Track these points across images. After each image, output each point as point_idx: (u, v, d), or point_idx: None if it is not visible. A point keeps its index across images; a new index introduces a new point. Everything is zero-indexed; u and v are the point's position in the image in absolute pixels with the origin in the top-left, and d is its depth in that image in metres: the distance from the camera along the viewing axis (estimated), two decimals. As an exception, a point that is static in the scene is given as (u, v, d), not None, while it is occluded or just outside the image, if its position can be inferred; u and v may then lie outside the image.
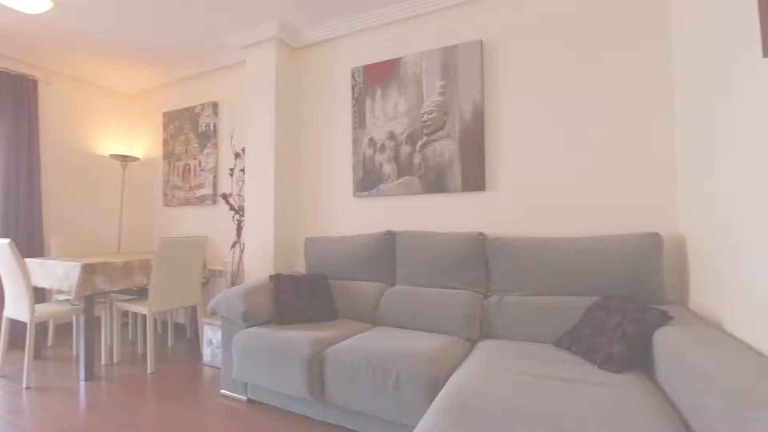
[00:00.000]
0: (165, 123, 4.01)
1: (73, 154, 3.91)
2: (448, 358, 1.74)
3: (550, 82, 2.30)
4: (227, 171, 3.60)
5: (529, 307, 2.02)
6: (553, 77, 2.29)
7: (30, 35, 3.15)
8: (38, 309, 2.63)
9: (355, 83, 2.91)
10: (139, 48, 3.38)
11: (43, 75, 3.69)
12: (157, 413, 2.09)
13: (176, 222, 3.95)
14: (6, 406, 2.18)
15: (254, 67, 3.11)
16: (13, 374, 2.65)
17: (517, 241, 2.16)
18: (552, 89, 2.29)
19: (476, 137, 2.46)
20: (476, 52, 2.47)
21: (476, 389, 1.31)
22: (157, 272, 2.71)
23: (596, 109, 2.18)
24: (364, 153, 2.86)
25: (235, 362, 2.14)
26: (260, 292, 2.34)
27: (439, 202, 2.61)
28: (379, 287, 2.48)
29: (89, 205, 4.04)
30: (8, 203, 3.30)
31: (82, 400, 2.27)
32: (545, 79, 2.31)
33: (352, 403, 1.77)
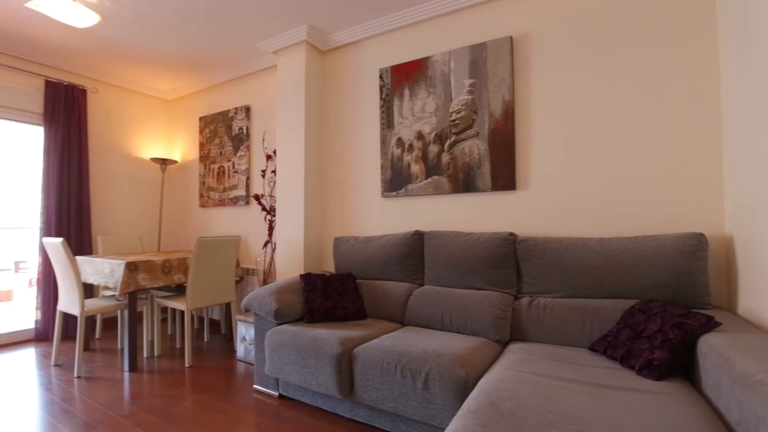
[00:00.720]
0: (201, 127, 4.18)
1: (117, 158, 4.14)
2: (478, 359, 1.72)
3: (585, 78, 2.22)
4: (259, 172, 3.71)
5: (561, 309, 1.96)
6: (590, 73, 2.21)
7: (80, 48, 3.37)
8: (87, 303, 2.81)
9: (383, 84, 2.92)
10: (177, 56, 3.54)
11: (91, 84, 3.93)
12: (194, 406, 2.19)
13: (211, 222, 4.11)
14: (60, 394, 2.34)
15: (284, 70, 3.19)
16: (65, 364, 2.85)
17: (550, 242, 2.11)
18: (588, 85, 2.21)
19: (506, 136, 2.42)
20: (506, 49, 2.42)
21: (507, 392, 1.29)
22: (194, 270, 2.83)
23: (636, 105, 2.09)
24: (392, 153, 2.87)
25: (267, 359, 2.20)
26: (291, 291, 2.39)
27: (467, 202, 2.58)
28: (408, 287, 2.48)
29: (132, 206, 4.27)
30: (61, 204, 3.54)
31: (126, 390, 2.40)
32: (581, 75, 2.23)
33: (381, 402, 1.78)
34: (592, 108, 2.19)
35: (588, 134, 2.21)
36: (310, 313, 2.31)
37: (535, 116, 2.36)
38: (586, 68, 2.22)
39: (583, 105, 2.22)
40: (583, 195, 2.21)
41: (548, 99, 2.32)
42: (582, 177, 2.22)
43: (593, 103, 2.19)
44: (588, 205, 2.20)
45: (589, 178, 2.20)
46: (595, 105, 2.19)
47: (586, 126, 2.21)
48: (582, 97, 2.22)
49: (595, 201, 2.18)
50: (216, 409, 2.13)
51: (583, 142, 2.22)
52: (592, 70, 2.20)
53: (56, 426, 1.96)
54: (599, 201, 2.17)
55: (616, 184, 2.12)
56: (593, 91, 2.19)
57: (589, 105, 2.20)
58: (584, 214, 2.21)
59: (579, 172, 2.23)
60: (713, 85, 1.91)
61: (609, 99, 2.15)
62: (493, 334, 2.02)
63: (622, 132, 2.12)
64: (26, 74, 3.48)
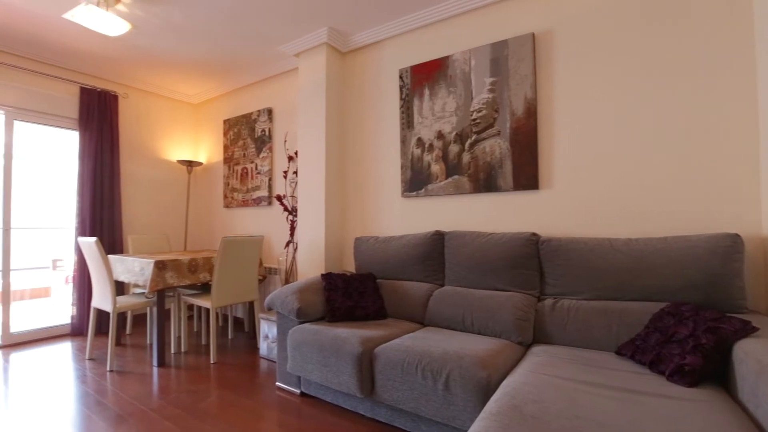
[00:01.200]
0: (225, 130, 4.28)
1: (146, 161, 4.30)
2: (500, 361, 1.70)
3: (612, 73, 2.16)
4: (281, 173, 3.77)
5: (586, 311, 1.92)
6: (617, 68, 2.15)
7: (112, 55, 3.52)
8: (119, 300, 2.93)
9: (402, 84, 2.92)
10: (203, 61, 3.65)
11: (122, 90, 4.09)
12: (219, 401, 2.25)
13: (235, 222, 4.21)
14: (94, 386, 2.45)
15: (306, 73, 3.24)
16: (99, 358, 2.98)
17: (574, 242, 2.06)
18: (615, 80, 2.15)
19: (529, 134, 2.37)
20: (528, 46, 2.38)
21: (531, 395, 1.27)
22: (219, 269, 2.90)
23: (667, 100, 2.01)
24: (412, 153, 2.87)
25: (290, 357, 2.23)
26: (312, 290, 2.43)
27: (489, 201, 2.55)
28: (428, 288, 2.47)
29: (159, 207, 4.42)
30: (95, 205, 3.70)
31: (155, 384, 2.48)
32: (607, 70, 2.17)
33: (402, 402, 1.78)
34: (621, 104, 2.13)
35: (616, 131, 2.14)
36: (331, 313, 2.33)
37: (559, 114, 2.31)
38: (612, 63, 2.15)
39: (611, 101, 2.16)
40: (610, 194, 2.15)
41: (573, 96, 2.27)
42: (608, 175, 2.16)
43: (622, 98, 2.13)
44: (614, 205, 2.14)
45: (616, 177, 2.14)
46: (624, 101, 2.12)
47: (613, 122, 2.15)
48: (609, 92, 2.16)
49: (622, 200, 2.11)
50: (240, 406, 2.19)
51: (611, 139, 2.16)
52: (620, 64, 2.13)
53: (91, 417, 2.05)
54: (626, 200, 2.10)
55: (645, 183, 2.05)
56: (622, 87, 2.13)
57: (617, 101, 2.14)
58: (610, 214, 2.15)
59: (605, 171, 2.17)
60: (750, 79, 1.82)
61: (638, 94, 2.08)
62: (515, 336, 1.99)
63: (651, 128, 2.05)
64: (63, 82, 3.65)
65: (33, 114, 3.48)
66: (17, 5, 2.72)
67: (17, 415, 2.07)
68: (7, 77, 3.33)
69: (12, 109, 3.35)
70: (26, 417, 2.06)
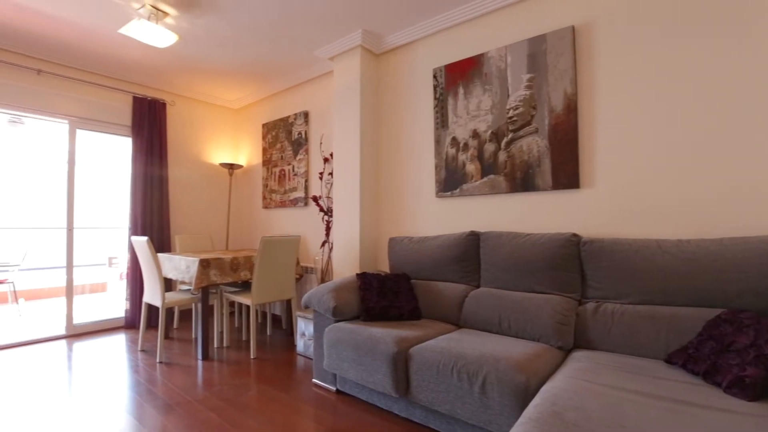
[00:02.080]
0: (264, 133, 4.44)
1: (190, 164, 4.53)
2: (539, 366, 1.65)
3: (662, 69, 2.04)
4: (317, 175, 3.86)
5: (632, 316, 1.82)
6: (667, 63, 2.02)
7: (160, 65, 3.74)
8: (167, 296, 3.11)
9: (436, 83, 2.91)
10: (243, 68, 3.80)
11: (169, 97, 4.34)
12: (258, 395, 2.33)
13: (273, 222, 4.35)
14: (145, 376, 2.61)
15: (340, 75, 3.29)
16: (149, 350, 3.17)
17: (618, 244, 1.96)
18: (665, 77, 2.03)
19: (569, 131, 2.29)
20: (567, 40, 2.30)
21: (572, 402, 1.22)
22: (259, 268, 3.01)
23: (724, 99, 1.87)
24: (447, 153, 2.84)
25: (326, 354, 2.28)
26: (348, 289, 2.46)
27: (526, 201, 2.48)
28: (463, 289, 2.44)
29: (203, 208, 4.64)
30: (145, 206, 3.94)
31: (200, 377, 2.62)
32: (655, 65, 2.05)
33: (437, 403, 1.77)
34: (671, 99, 2.01)
35: (665, 127, 2.02)
36: (366, 312, 2.36)
37: (602, 109, 2.21)
38: (662, 56, 2.03)
39: (660, 96, 2.04)
40: (657, 193, 2.03)
41: (617, 90, 2.16)
42: (655, 173, 2.04)
43: (672, 94, 2.00)
44: (662, 204, 2.01)
45: (663, 175, 2.01)
46: (675, 96, 2.00)
47: (663, 118, 2.03)
48: (658, 87, 2.04)
49: (671, 199, 1.99)
50: (278, 400, 2.26)
51: (659, 136, 2.04)
52: (671, 58, 2.01)
53: (143, 405, 2.19)
54: (676, 199, 1.98)
55: (697, 182, 1.92)
56: (672, 82, 2.01)
57: (667, 96, 2.02)
58: (657, 214, 2.03)
59: (652, 168, 2.05)
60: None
61: (690, 89, 1.95)
62: (554, 341, 1.92)
63: (705, 125, 1.91)
64: (118, 92, 3.92)
65: (92, 122, 3.76)
66: (79, 23, 2.95)
67: (80, 398, 2.25)
68: (71, 90, 3.62)
69: (75, 118, 3.64)
70: (87, 400, 2.23)
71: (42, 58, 3.44)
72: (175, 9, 2.77)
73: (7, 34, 3.14)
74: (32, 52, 3.37)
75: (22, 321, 4.22)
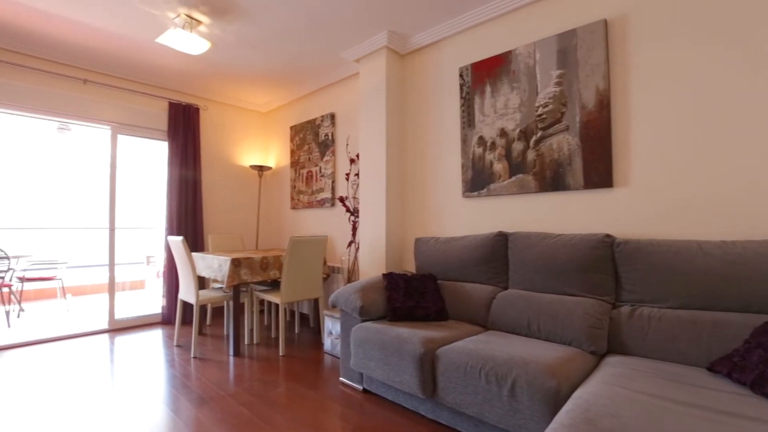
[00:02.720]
0: (291, 135, 4.53)
1: (222, 167, 4.68)
2: (570, 370, 1.61)
3: (702, 63, 1.93)
4: (343, 176, 3.90)
5: (671, 321, 1.74)
6: (708, 57, 1.92)
7: (194, 71, 3.89)
8: (201, 294, 3.22)
9: (463, 82, 2.88)
10: (271, 72, 3.90)
11: (202, 102, 4.50)
12: (287, 392, 2.38)
13: (301, 223, 4.43)
14: (180, 370, 2.72)
15: (366, 77, 3.31)
16: (184, 345, 3.30)
17: (655, 245, 1.88)
18: (705, 71, 1.92)
19: (601, 128, 2.21)
20: (599, 34, 2.22)
21: (606, 409, 1.18)
22: (287, 267, 3.08)
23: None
24: (474, 152, 2.81)
25: (353, 353, 2.30)
26: (374, 289, 2.48)
27: (556, 201, 2.42)
28: (491, 290, 2.41)
29: (234, 209, 4.79)
30: (180, 207, 4.11)
31: (231, 372, 2.70)
32: (696, 58, 1.95)
33: (464, 405, 1.76)
34: (713, 89, 1.90)
35: (708, 120, 1.92)
36: (393, 312, 2.37)
37: (637, 105, 2.12)
38: (702, 49, 1.93)
39: (701, 87, 1.93)
40: (697, 191, 1.93)
41: (653, 84, 2.07)
42: (695, 171, 1.93)
43: (714, 83, 1.90)
44: (702, 203, 1.91)
45: (705, 172, 1.91)
46: (717, 85, 1.89)
47: (705, 110, 1.93)
48: (698, 78, 1.94)
49: (712, 198, 1.88)
50: (306, 398, 2.30)
51: (701, 130, 1.93)
52: (711, 52, 1.91)
53: (178, 398, 2.29)
54: (717, 198, 1.87)
55: (742, 179, 1.81)
56: (713, 71, 1.90)
57: (709, 86, 1.91)
58: (697, 214, 1.92)
59: (692, 166, 1.95)
60: None
61: (735, 77, 1.84)
62: (587, 345, 1.86)
63: (753, 115, 1.80)
64: (155, 98, 4.11)
65: (132, 128, 3.96)
66: (120, 34, 3.12)
67: (121, 389, 2.38)
68: (112, 97, 3.83)
69: (116, 124, 3.85)
70: (128, 391, 2.35)
71: (87, 68, 3.65)
72: (207, 17, 2.87)
73: (58, 47, 3.35)
74: (79, 63, 3.59)
75: (70, 315, 4.49)
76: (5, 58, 3.26)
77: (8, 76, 3.27)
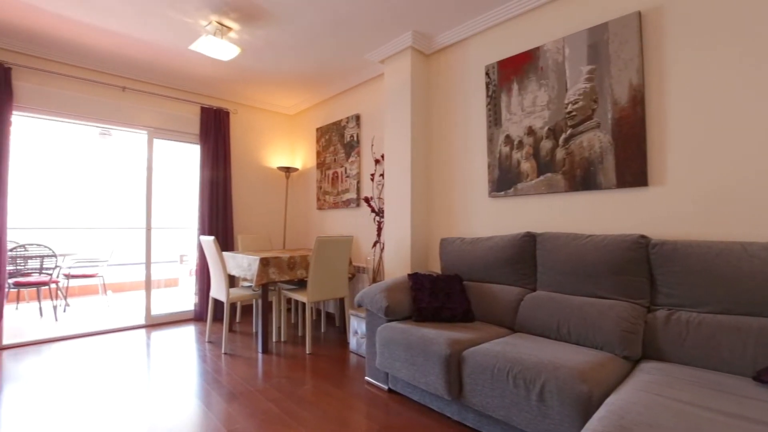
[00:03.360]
0: (317, 137, 4.60)
1: (251, 168, 4.81)
2: (602, 376, 1.55)
3: (746, 49, 1.83)
4: (368, 176, 3.92)
5: (712, 327, 1.65)
6: (751, 43, 1.81)
7: (224, 77, 4.02)
8: (231, 292, 3.33)
9: (489, 80, 2.83)
10: (298, 76, 3.97)
11: (232, 106, 4.64)
12: (313, 389, 2.42)
13: (326, 223, 4.49)
14: (212, 365, 2.82)
15: (391, 77, 3.32)
16: (215, 341, 3.42)
17: (694, 246, 1.79)
18: (750, 58, 1.82)
19: (635, 125, 2.13)
20: (633, 27, 2.14)
21: (642, 417, 1.14)
22: (314, 267, 3.13)
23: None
24: (500, 151, 2.76)
25: (378, 353, 2.32)
26: (399, 289, 2.48)
27: (586, 200, 2.34)
28: (518, 292, 2.36)
29: (262, 209, 4.91)
30: (212, 208, 4.26)
31: (260, 368, 2.77)
32: (740, 50, 1.85)
33: (491, 408, 1.73)
34: (756, 82, 1.79)
35: (751, 116, 1.81)
36: (418, 312, 2.36)
37: (674, 100, 2.03)
38: (748, 33, 1.82)
39: (743, 81, 1.83)
40: (741, 190, 1.82)
41: (692, 78, 1.97)
42: (740, 168, 1.83)
43: (756, 76, 1.79)
44: (745, 203, 1.80)
45: (750, 169, 1.80)
46: (759, 78, 1.78)
47: (748, 105, 1.82)
48: (741, 71, 1.83)
49: (757, 197, 1.77)
50: (332, 395, 2.33)
51: (745, 126, 1.82)
52: (757, 34, 1.80)
53: (210, 392, 2.37)
54: (762, 197, 1.76)
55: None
56: (757, 62, 1.79)
57: (752, 79, 1.80)
58: (741, 213, 1.82)
59: (735, 164, 1.84)
60: None
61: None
62: (620, 350, 1.80)
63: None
64: (188, 103, 4.27)
65: (167, 132, 4.13)
66: (156, 43, 3.26)
67: (156, 382, 2.49)
68: (148, 103, 4.01)
69: (152, 129, 4.03)
70: (163, 384, 2.46)
71: (125, 76, 3.84)
72: (237, 23, 2.96)
73: (99, 57, 3.54)
74: (118, 71, 3.78)
75: (110, 311, 4.73)
76: (56, 69, 3.47)
77: (58, 86, 3.49)
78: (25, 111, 3.36)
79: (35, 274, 4.20)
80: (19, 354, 3.09)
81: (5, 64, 3.19)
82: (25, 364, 2.85)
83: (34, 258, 4.15)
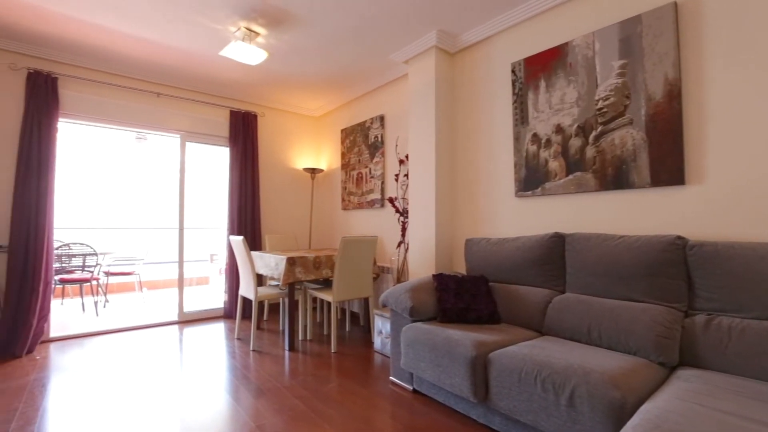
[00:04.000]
0: (342, 138, 4.65)
1: (278, 170, 4.92)
2: (636, 382, 1.50)
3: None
4: (393, 177, 3.93)
5: (757, 334, 1.56)
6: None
7: (252, 81, 4.13)
8: (259, 291, 3.41)
9: (515, 78, 2.78)
10: (323, 78, 4.03)
11: (260, 110, 4.76)
12: (338, 388, 2.45)
13: (351, 223, 4.53)
14: (241, 362, 2.90)
15: (415, 77, 3.32)
16: (244, 338, 3.51)
17: (737, 248, 1.69)
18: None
19: (671, 121, 2.04)
20: (668, 19, 2.05)
21: (680, 427, 1.09)
22: (339, 266, 3.17)
23: None
24: (527, 150, 2.71)
25: (403, 353, 2.32)
26: (424, 290, 2.47)
27: (618, 200, 2.26)
28: (546, 294, 2.31)
29: (288, 210, 5.01)
30: (240, 208, 4.38)
31: (287, 366, 2.83)
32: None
33: (518, 412, 1.70)
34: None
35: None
36: (443, 313, 2.35)
37: (714, 94, 1.93)
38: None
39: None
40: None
41: (734, 71, 1.87)
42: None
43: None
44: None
45: (801, 167, 1.69)
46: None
47: (795, 99, 1.71)
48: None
49: (813, 196, 1.66)
50: (357, 394, 2.35)
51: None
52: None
53: (239, 387, 2.44)
54: (819, 196, 1.65)
55: None
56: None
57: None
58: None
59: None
60: None
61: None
62: (654, 355, 1.72)
63: None
64: (218, 107, 4.42)
65: (198, 135, 4.29)
66: (187, 50, 3.39)
67: (188, 376, 2.58)
68: (181, 108, 4.17)
69: (184, 132, 4.18)
70: (194, 378, 2.55)
71: (159, 82, 4.01)
72: (264, 28, 3.04)
73: (135, 64, 3.72)
74: (153, 78, 3.95)
75: (145, 307, 4.95)
76: (96, 78, 3.67)
77: (99, 93, 3.68)
78: (69, 118, 3.56)
79: (78, 271, 4.45)
80: (65, 346, 3.28)
81: (52, 74, 3.39)
82: (70, 356, 3.02)
83: (77, 256, 4.40)
